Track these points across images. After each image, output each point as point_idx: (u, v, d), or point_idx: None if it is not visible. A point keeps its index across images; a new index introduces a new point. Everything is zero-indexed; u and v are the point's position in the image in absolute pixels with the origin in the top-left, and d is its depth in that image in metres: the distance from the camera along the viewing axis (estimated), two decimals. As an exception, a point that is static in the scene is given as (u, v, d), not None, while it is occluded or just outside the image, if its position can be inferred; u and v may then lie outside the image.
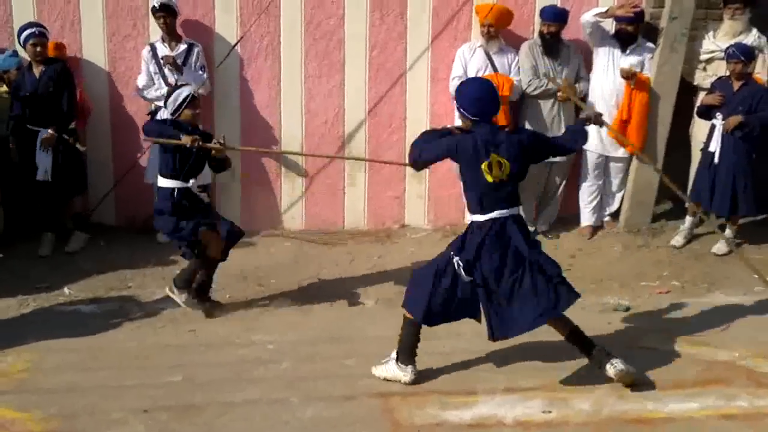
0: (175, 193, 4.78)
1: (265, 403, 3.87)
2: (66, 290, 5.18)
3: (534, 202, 6.47)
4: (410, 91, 6.51)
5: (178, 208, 4.78)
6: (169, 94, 4.84)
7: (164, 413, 3.74)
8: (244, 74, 6.38)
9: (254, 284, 5.55)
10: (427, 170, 6.49)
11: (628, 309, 5.10)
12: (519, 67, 6.17)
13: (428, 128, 5.10)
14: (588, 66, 6.33)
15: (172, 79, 5.99)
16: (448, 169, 6.49)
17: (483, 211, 3.89)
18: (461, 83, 4.12)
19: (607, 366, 3.96)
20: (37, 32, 5.70)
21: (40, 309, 4.98)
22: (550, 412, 3.81)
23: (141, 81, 6.11)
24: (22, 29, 5.76)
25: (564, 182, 6.44)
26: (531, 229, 6.36)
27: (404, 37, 6.43)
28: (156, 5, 5.93)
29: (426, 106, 6.52)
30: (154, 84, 6.08)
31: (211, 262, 4.94)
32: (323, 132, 6.52)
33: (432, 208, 6.68)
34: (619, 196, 6.48)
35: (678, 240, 6.15)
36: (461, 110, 3.98)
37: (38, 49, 5.71)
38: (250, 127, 6.47)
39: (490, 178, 3.83)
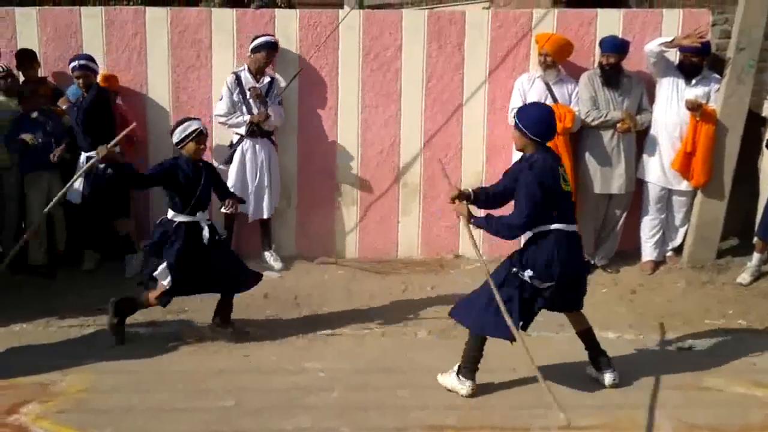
0: (182, 227, 4.73)
1: (316, 431, 3.84)
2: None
3: (593, 234, 6.32)
4: (466, 122, 6.49)
5: (183, 243, 4.71)
6: (178, 124, 4.82)
7: (216, 438, 3.75)
8: (302, 104, 6.48)
9: (307, 311, 5.56)
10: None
11: (691, 348, 4.91)
12: (578, 98, 6.10)
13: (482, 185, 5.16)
14: (651, 97, 6.20)
15: (255, 110, 6.14)
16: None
17: (553, 221, 4.03)
18: (524, 106, 4.28)
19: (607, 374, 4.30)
20: (77, 65, 5.90)
21: (100, 330, 5.08)
22: (608, 452, 3.67)
23: (221, 108, 6.23)
24: (70, 61, 5.99)
25: (624, 215, 6.28)
26: (590, 263, 6.28)
27: (461, 67, 6.44)
28: (272, 41, 6.15)
29: (483, 137, 6.50)
30: (235, 112, 6.22)
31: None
32: (379, 161, 6.55)
33: (487, 238, 6.54)
34: (682, 230, 6.28)
35: (744, 277, 5.91)
36: (526, 131, 4.07)
37: (80, 80, 5.92)
38: (307, 155, 6.55)
39: (567, 188, 4.07)
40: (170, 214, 4.80)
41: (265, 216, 6.33)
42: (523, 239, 4.22)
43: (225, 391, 4.26)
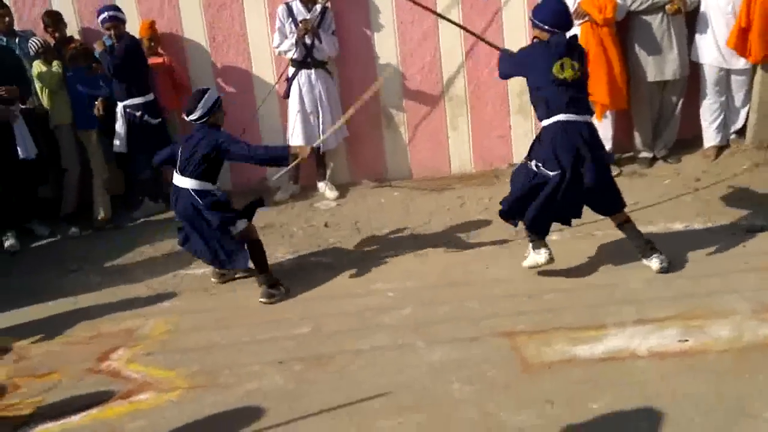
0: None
1: (392, 348, 3.94)
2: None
3: (650, 125, 6.13)
4: (507, 26, 6.28)
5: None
6: (196, 98, 4.63)
7: (298, 364, 3.88)
8: (337, 29, 6.34)
9: (368, 235, 5.61)
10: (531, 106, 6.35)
11: (763, 229, 4.79)
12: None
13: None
14: (700, -26, 5.87)
15: (307, 40, 6.05)
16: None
17: (554, 113, 4.20)
18: (540, 3, 4.42)
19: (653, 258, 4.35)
20: (107, 17, 5.92)
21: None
22: (686, 340, 3.66)
23: (275, 40, 6.19)
24: (97, 14, 6.00)
25: (681, 101, 6.06)
26: (649, 155, 6.12)
27: (497, -31, 6.19)
28: None
29: (525, 40, 6.26)
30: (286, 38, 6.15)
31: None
32: (421, 78, 6.44)
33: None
34: (743, 111, 6.05)
35: (814, 151, 5.69)
36: (539, 22, 4.29)
37: (111, 32, 5.92)
38: (349, 80, 6.46)
39: (561, 76, 4.15)
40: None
41: (332, 146, 6.32)
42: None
43: (301, 318, 4.39)
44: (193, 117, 4.65)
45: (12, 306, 4.96)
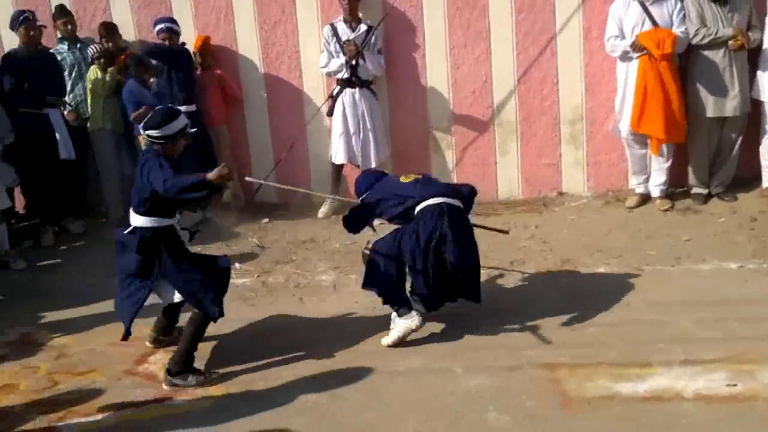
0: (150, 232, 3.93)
1: (429, 372, 3.87)
2: (237, 265, 5.44)
3: (707, 161, 5.96)
4: (561, 54, 6.22)
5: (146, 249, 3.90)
6: (165, 119, 3.86)
7: (333, 379, 3.84)
8: (389, 50, 6.37)
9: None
10: (584, 135, 6.26)
11: (820, 274, 4.62)
12: (683, 16, 5.70)
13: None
14: (759, 14, 5.72)
15: (353, 61, 6.11)
16: (607, 132, 6.18)
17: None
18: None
19: None
20: (164, 28, 6.13)
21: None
22: (735, 385, 3.51)
23: (322, 60, 6.27)
24: (154, 24, 6.22)
25: (740, 139, 5.89)
26: (704, 191, 5.94)
27: (553, -4, 6.15)
28: None
29: (579, 69, 6.22)
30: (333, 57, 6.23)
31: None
32: (472, 101, 6.41)
33: (592, 174, 6.38)
34: (806, 152, 5.85)
35: None
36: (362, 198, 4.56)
37: (166, 42, 6.13)
38: (398, 101, 6.47)
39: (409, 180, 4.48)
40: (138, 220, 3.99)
41: (373, 165, 6.27)
42: None
43: (338, 335, 4.35)
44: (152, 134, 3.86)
45: (58, 305, 5.04)
